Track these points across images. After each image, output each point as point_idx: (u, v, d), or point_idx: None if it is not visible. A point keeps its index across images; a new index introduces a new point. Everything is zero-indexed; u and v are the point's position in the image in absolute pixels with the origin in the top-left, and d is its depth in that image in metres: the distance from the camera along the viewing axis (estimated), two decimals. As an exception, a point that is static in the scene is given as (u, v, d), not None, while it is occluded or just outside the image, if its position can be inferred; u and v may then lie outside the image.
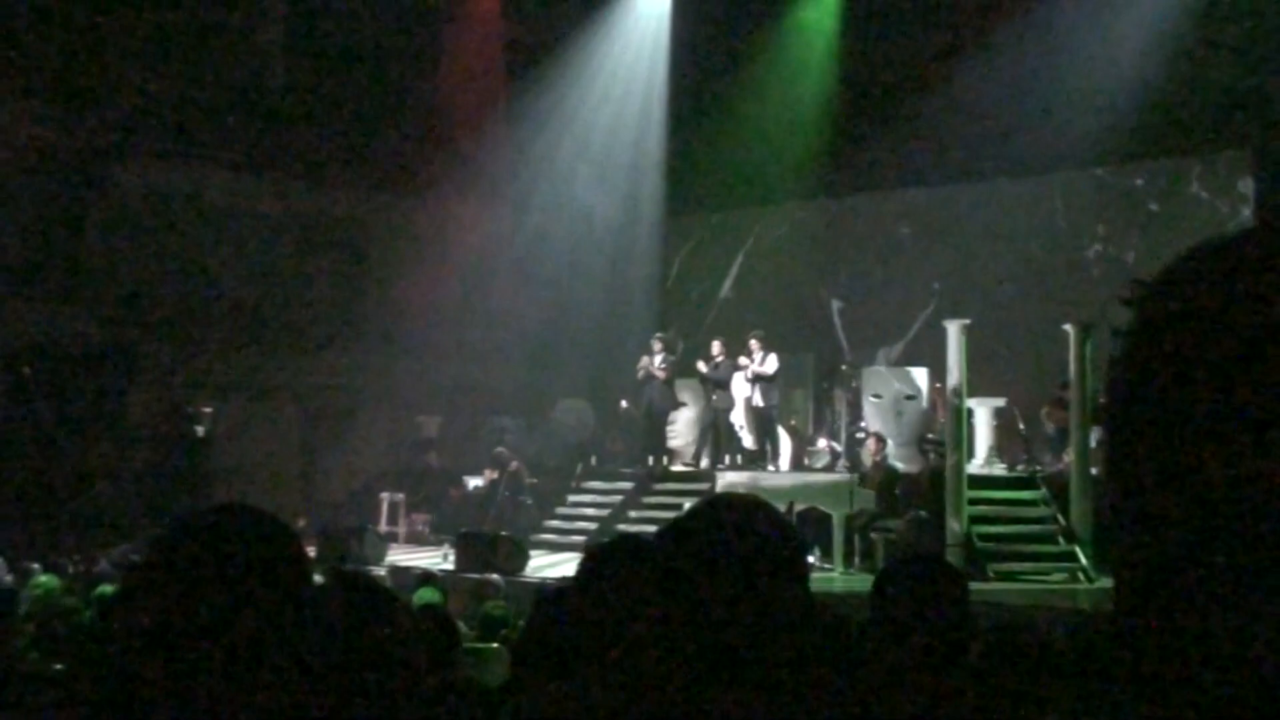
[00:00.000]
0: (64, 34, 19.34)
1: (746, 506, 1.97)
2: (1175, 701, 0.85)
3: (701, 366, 18.53)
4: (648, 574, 2.06)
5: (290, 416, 21.79)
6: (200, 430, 19.18)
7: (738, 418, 18.56)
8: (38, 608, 8.37)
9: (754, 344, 17.99)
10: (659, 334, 19.43)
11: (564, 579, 2.57)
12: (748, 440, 18.53)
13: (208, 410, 19.56)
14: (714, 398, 18.49)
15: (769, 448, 18.23)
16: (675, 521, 1.99)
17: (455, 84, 22.73)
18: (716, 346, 18.46)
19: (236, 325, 21.12)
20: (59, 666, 6.36)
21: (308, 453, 21.89)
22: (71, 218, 19.98)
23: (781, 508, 8.93)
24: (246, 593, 1.72)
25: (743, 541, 1.89)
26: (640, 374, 18.67)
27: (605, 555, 2.46)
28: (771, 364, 17.90)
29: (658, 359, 18.74)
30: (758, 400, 18.03)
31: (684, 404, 19.65)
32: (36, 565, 11.44)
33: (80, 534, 16.42)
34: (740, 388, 18.25)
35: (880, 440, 16.41)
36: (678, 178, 23.01)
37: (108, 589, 8.53)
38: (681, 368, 19.22)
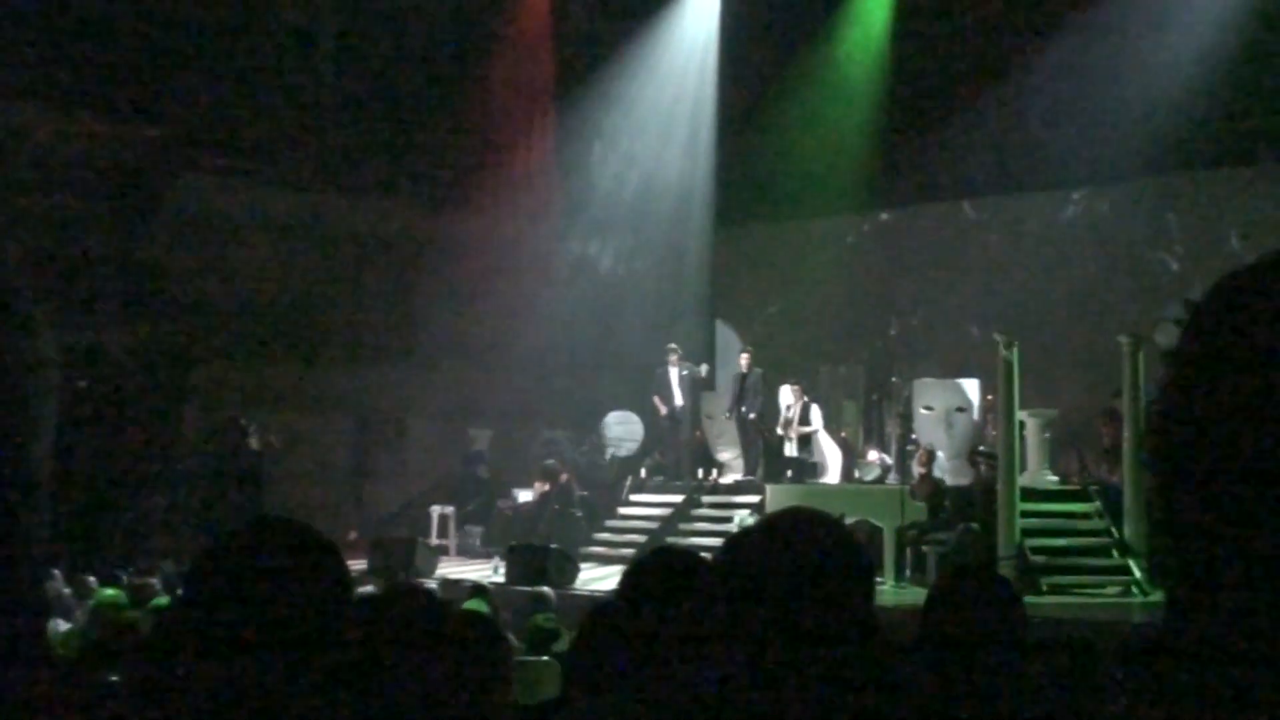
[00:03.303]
0: (122, 48, 19.56)
1: (813, 522, 1.95)
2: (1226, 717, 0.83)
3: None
4: (704, 588, 2.05)
5: (343, 429, 21.92)
6: (254, 443, 19.32)
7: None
8: (99, 621, 8.43)
9: (791, 390, 18.24)
10: (672, 345, 19.51)
11: (615, 592, 2.55)
12: (729, 452, 18.79)
13: (262, 424, 19.70)
14: (743, 408, 18.58)
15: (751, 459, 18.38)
16: (739, 535, 1.97)
17: (506, 102, 22.83)
18: (791, 394, 18.47)
19: (291, 339, 21.29)
20: (114, 678, 6.40)
21: (360, 465, 22.00)
22: (129, 231, 20.20)
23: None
24: (286, 609, 1.73)
25: (809, 557, 1.87)
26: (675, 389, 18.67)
27: (649, 569, 2.45)
28: (815, 418, 18.11)
29: (674, 370, 18.96)
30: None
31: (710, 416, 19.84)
32: (92, 579, 11.55)
33: (135, 547, 16.57)
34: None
35: (929, 452, 16.30)
36: (727, 190, 22.97)
37: (163, 600, 8.60)
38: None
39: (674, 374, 19.29)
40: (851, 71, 21.79)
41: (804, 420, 18.17)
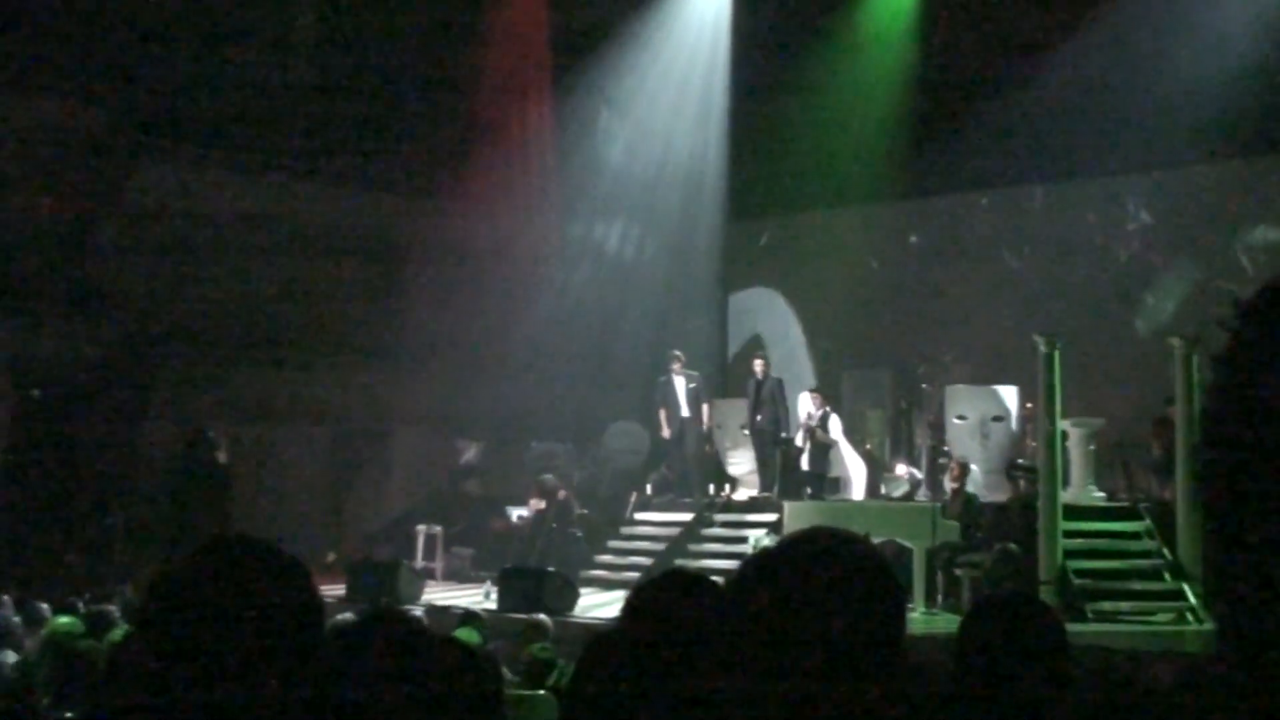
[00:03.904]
0: (72, 20, 19.47)
1: (837, 543, 1.94)
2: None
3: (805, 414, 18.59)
4: (716, 615, 2.04)
5: (319, 441, 21.94)
6: (222, 456, 19.33)
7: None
8: (53, 651, 8.40)
9: (811, 397, 18.25)
10: (676, 352, 19.49)
11: (617, 619, 2.54)
12: (743, 466, 18.83)
13: (230, 435, 19.72)
14: (758, 418, 18.57)
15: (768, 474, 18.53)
16: (755, 557, 1.96)
17: (498, 85, 22.83)
18: (811, 402, 18.45)
19: (262, 342, 21.29)
20: (69, 716, 6.41)
21: (337, 481, 22.03)
22: (83, 223, 20.21)
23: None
24: (253, 638, 1.72)
25: (833, 582, 1.86)
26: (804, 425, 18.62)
27: (655, 594, 2.44)
28: (834, 429, 18.12)
29: (680, 379, 18.97)
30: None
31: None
32: (45, 606, 11.54)
33: (92, 570, 16.59)
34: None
35: (963, 466, 16.30)
36: (739, 179, 22.96)
37: (122, 630, 8.59)
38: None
39: (679, 384, 19.29)
40: (877, 51, 21.76)
41: (824, 430, 18.17)
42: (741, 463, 19.66)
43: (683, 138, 23.03)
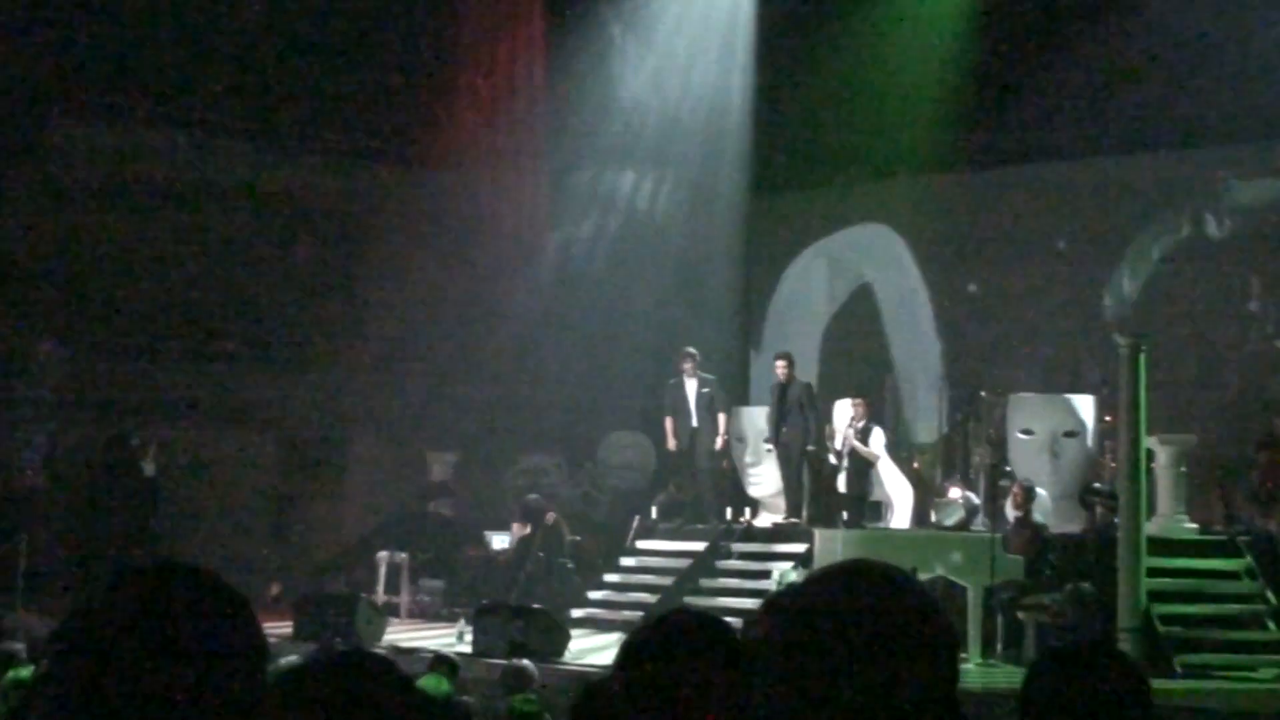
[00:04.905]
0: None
1: (877, 579, 1.94)
2: None
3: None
4: (731, 665, 2.04)
5: (263, 451, 21.94)
6: (148, 467, 19.34)
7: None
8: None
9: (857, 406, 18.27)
10: (690, 349, 19.47)
11: (613, 667, 2.55)
12: (767, 486, 18.81)
13: (157, 441, 19.72)
14: (784, 430, 18.58)
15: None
16: (779, 595, 1.96)
17: (480, 32, 22.83)
18: (850, 411, 18.47)
19: (196, 332, 21.28)
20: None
21: (284, 498, 22.04)
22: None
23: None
24: (183, 684, 1.72)
25: (871, 625, 1.85)
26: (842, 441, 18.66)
27: (659, 638, 2.44)
28: (876, 443, 18.13)
29: (692, 382, 18.98)
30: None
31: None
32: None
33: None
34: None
35: (1028, 490, 16.29)
36: (763, 148, 22.92)
37: (23, 673, 8.60)
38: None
39: (690, 387, 19.24)
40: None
41: (865, 445, 18.17)
42: (764, 482, 19.64)
43: (697, 102, 22.98)
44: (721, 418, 19.29)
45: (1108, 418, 17.16)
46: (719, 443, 19.10)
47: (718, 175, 23.27)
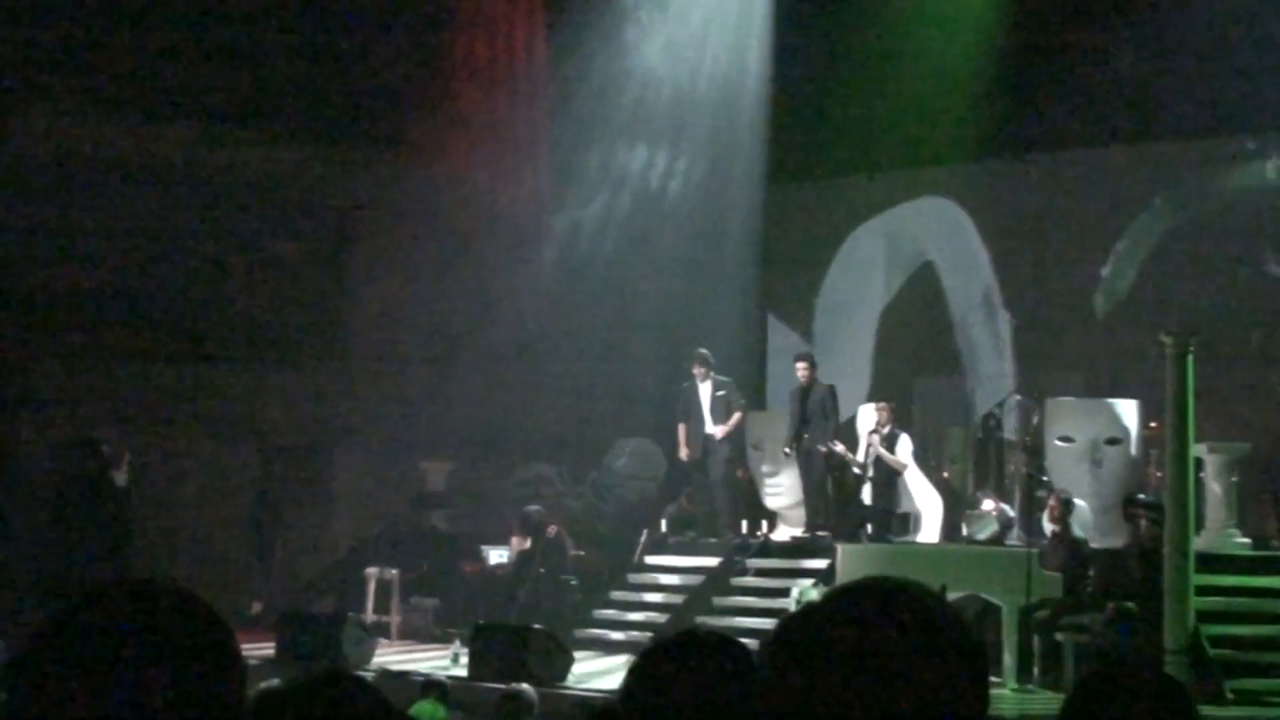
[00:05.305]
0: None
1: (902, 597, 1.93)
2: None
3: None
4: (747, 688, 2.04)
5: (243, 459, 21.95)
6: (120, 477, 19.34)
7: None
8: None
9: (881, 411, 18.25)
10: (702, 350, 19.47)
11: (620, 691, 2.55)
12: (786, 497, 18.75)
13: (129, 447, 19.73)
14: (805, 436, 18.58)
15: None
16: (799, 614, 1.96)
17: (475, 11, 22.82)
18: (875, 416, 18.47)
19: (169, 330, 21.28)
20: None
21: (267, 510, 22.03)
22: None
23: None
24: (155, 708, 1.72)
25: (896, 646, 1.85)
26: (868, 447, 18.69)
27: (669, 660, 2.44)
28: (904, 450, 18.12)
29: (706, 386, 18.98)
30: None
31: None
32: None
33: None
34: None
35: (1067, 502, 16.28)
36: (781, 134, 22.94)
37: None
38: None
39: (704, 391, 19.24)
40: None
41: (891, 453, 18.16)
42: (783, 493, 19.65)
43: (710, 85, 23.03)
44: (736, 415, 19.25)
45: (1153, 424, 17.14)
46: (719, 431, 19.03)
47: (734, 153, 23.30)
